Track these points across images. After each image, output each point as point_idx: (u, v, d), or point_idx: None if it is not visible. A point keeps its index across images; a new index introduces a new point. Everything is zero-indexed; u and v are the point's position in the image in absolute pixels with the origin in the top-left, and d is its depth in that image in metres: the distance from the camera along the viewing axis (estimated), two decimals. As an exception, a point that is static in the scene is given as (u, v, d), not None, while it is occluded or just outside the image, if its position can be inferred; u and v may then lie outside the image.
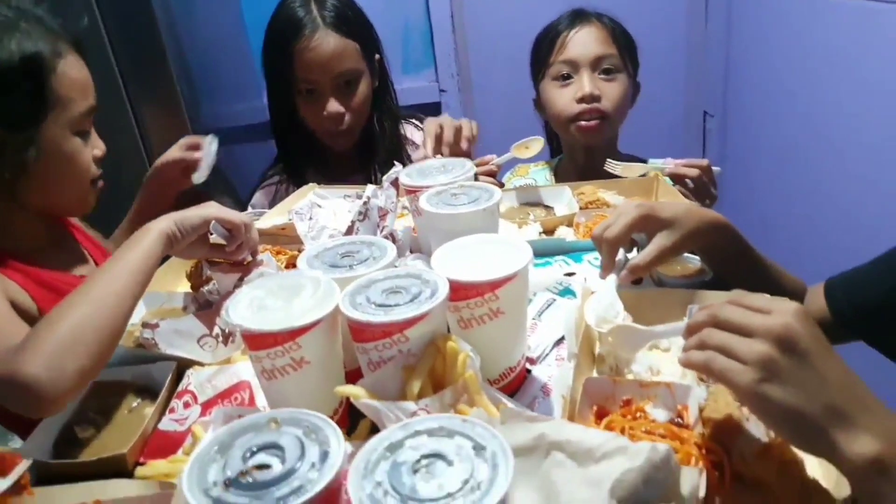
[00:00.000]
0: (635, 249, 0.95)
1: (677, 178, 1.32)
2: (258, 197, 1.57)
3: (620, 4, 1.53)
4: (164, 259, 0.93)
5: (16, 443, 1.30)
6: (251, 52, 2.53)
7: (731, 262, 0.94)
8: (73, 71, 1.00)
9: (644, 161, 1.51)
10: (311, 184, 1.40)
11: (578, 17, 1.47)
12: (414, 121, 1.66)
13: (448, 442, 0.49)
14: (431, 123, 1.32)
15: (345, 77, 1.46)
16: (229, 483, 0.47)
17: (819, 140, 1.94)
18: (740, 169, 2.45)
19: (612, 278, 0.89)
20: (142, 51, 1.65)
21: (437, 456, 0.48)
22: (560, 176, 1.58)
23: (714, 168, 1.35)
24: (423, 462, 0.48)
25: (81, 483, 0.65)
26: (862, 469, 0.54)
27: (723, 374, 0.59)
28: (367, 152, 1.57)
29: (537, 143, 1.46)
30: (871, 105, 1.69)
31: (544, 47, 1.49)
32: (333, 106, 1.45)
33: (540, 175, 1.60)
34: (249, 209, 1.50)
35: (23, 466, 0.67)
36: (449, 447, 0.49)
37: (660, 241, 0.88)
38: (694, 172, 1.31)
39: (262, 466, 0.48)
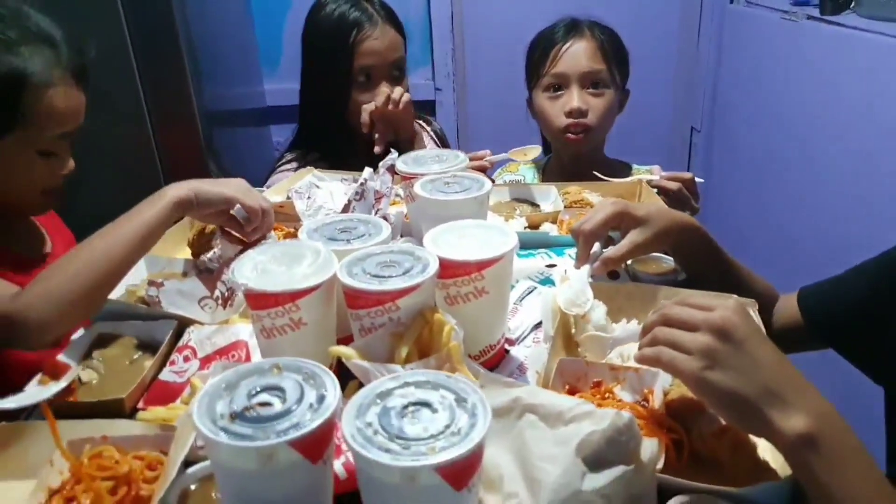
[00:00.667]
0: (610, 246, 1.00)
1: (660, 189, 1.38)
2: (276, 179, 1.59)
3: (614, 19, 1.60)
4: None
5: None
6: (255, 38, 2.58)
7: (701, 263, 1.01)
8: (57, 100, 0.99)
9: (629, 165, 1.57)
10: (309, 167, 1.44)
11: (573, 29, 1.53)
12: (420, 120, 1.72)
13: (433, 393, 0.55)
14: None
15: (397, 65, 1.57)
16: (235, 416, 0.52)
17: (799, 158, 2.02)
18: (722, 183, 2.53)
19: (586, 268, 0.95)
20: (155, 30, 1.69)
21: (423, 404, 0.54)
22: (547, 175, 1.65)
23: (697, 179, 1.41)
24: (410, 409, 0.53)
25: (90, 420, 0.69)
26: (794, 443, 0.59)
27: (671, 365, 0.66)
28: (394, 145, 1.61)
29: (534, 151, 1.54)
30: (848, 126, 1.77)
31: (537, 56, 1.56)
32: (385, 88, 1.53)
33: (528, 173, 1.66)
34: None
35: (73, 373, 0.78)
36: (434, 397, 0.54)
37: (632, 237, 0.94)
38: (674, 185, 1.37)
39: (265, 404, 0.53)
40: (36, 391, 0.77)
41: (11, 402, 0.74)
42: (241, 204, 0.99)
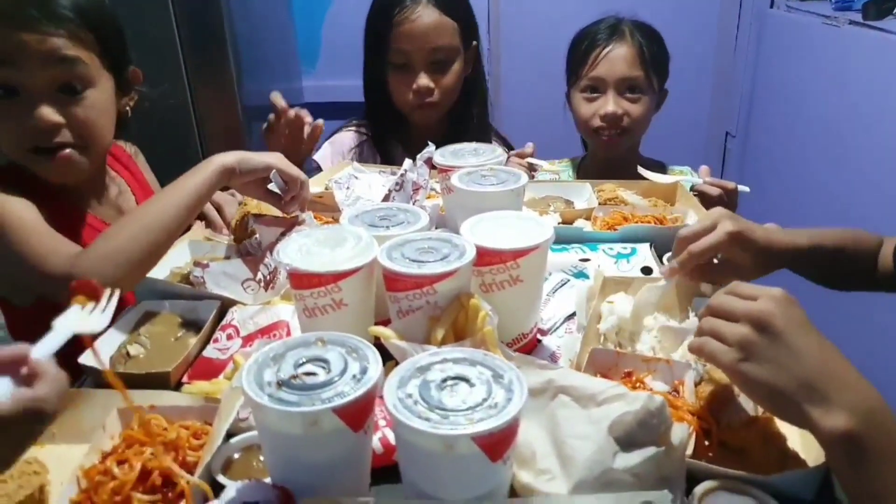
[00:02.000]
0: None
1: (700, 193, 1.38)
2: (326, 148, 1.61)
3: (652, 20, 1.60)
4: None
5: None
6: (295, 36, 2.63)
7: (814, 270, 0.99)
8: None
9: (664, 165, 1.57)
10: (347, 161, 1.47)
11: (614, 31, 1.53)
12: (502, 136, 1.72)
13: (471, 369, 0.57)
14: None
15: (439, 53, 1.50)
16: (282, 383, 0.55)
17: (837, 167, 1.99)
18: (756, 189, 2.49)
19: (668, 285, 0.90)
20: (203, 28, 1.74)
21: (461, 378, 0.56)
22: (582, 172, 1.66)
23: (741, 188, 1.39)
24: (449, 382, 0.56)
25: (139, 390, 0.72)
26: (833, 442, 0.58)
27: (711, 356, 0.66)
28: (455, 137, 1.61)
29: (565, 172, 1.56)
30: (891, 134, 1.74)
31: (578, 56, 1.57)
32: (423, 80, 1.50)
33: (564, 171, 1.67)
34: (314, 157, 1.56)
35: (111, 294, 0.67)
36: (472, 373, 0.56)
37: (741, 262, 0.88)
38: (715, 192, 1.37)
39: (310, 374, 0.56)
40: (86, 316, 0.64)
41: (70, 328, 0.61)
42: (283, 170, 1.02)
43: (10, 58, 0.94)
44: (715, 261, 0.90)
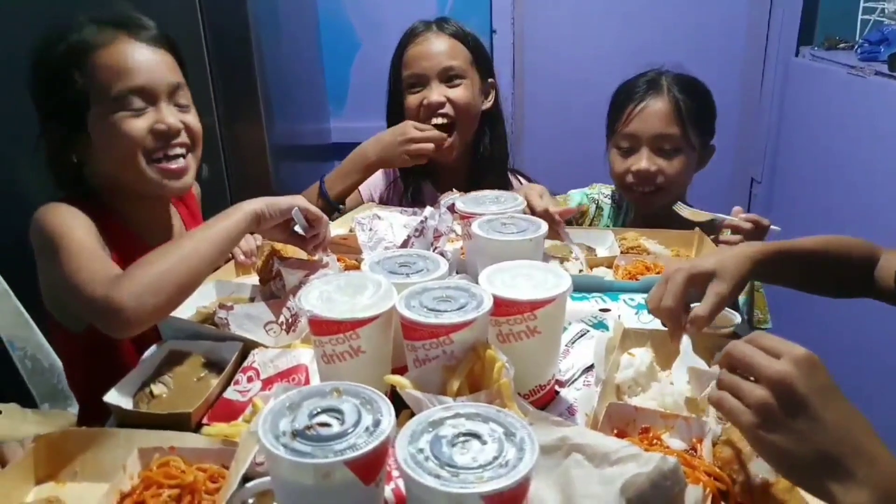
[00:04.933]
0: None
1: (731, 227, 1.36)
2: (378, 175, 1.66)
3: (678, 68, 1.58)
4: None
5: (73, 408, 1.42)
6: (324, 77, 2.70)
7: (787, 277, 1.00)
8: (116, 56, 1.06)
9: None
10: (369, 203, 1.50)
11: (652, 87, 1.50)
12: (519, 175, 1.75)
13: (483, 425, 0.57)
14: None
15: (450, 71, 1.56)
16: (296, 434, 0.56)
17: (861, 217, 1.98)
18: (781, 237, 2.48)
19: (686, 340, 0.91)
20: (234, 69, 1.80)
21: (473, 435, 0.56)
22: (621, 209, 1.64)
23: (773, 227, 1.39)
24: (461, 439, 0.56)
25: (159, 430, 0.74)
26: None
27: (729, 414, 0.64)
28: (475, 172, 1.64)
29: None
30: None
31: (615, 110, 1.55)
32: (434, 95, 1.55)
33: (605, 205, 1.66)
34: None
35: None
36: (483, 429, 0.57)
37: (714, 289, 0.89)
38: (748, 226, 1.35)
39: (325, 424, 0.57)
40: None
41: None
42: (306, 209, 1.05)
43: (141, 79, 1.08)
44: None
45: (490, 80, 1.65)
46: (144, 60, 1.08)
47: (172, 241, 0.98)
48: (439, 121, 1.56)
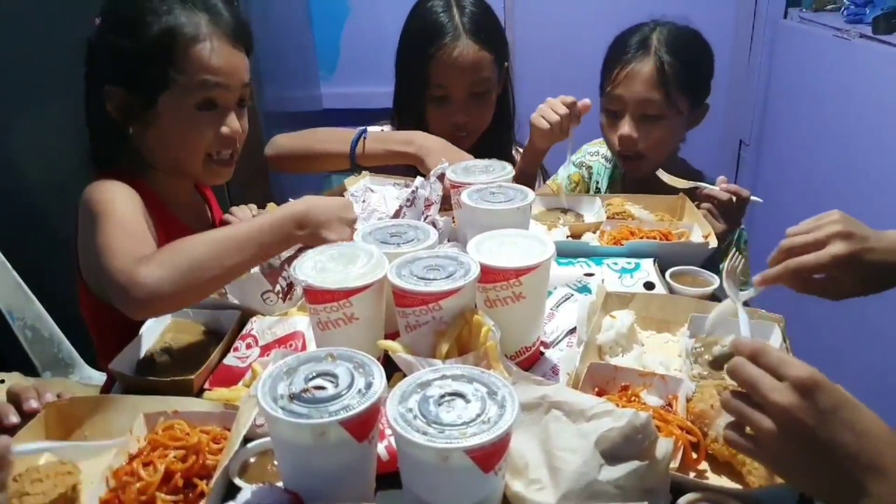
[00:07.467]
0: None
1: (708, 197, 1.37)
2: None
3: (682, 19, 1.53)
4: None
5: (86, 371, 1.47)
6: (314, 42, 2.69)
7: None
8: (207, 53, 1.07)
9: (700, 172, 1.53)
10: (364, 171, 1.51)
11: (641, 47, 1.45)
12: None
13: (467, 385, 0.62)
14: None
15: (477, 87, 1.50)
16: (293, 397, 0.60)
17: (848, 177, 2.02)
18: (769, 198, 2.51)
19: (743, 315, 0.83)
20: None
21: (458, 395, 0.61)
22: (616, 174, 1.64)
23: (754, 198, 1.38)
24: (447, 398, 0.60)
25: (161, 396, 0.78)
26: None
27: (739, 446, 0.65)
28: (481, 153, 1.54)
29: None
30: (899, 149, 1.76)
31: (607, 66, 1.51)
32: (461, 117, 1.52)
33: (600, 168, 1.66)
34: None
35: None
36: (468, 389, 0.61)
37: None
38: (725, 196, 1.35)
39: (320, 388, 0.61)
40: None
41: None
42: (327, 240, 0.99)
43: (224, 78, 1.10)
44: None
45: (505, 63, 1.59)
46: (231, 62, 1.11)
47: (212, 232, 0.95)
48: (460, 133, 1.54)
